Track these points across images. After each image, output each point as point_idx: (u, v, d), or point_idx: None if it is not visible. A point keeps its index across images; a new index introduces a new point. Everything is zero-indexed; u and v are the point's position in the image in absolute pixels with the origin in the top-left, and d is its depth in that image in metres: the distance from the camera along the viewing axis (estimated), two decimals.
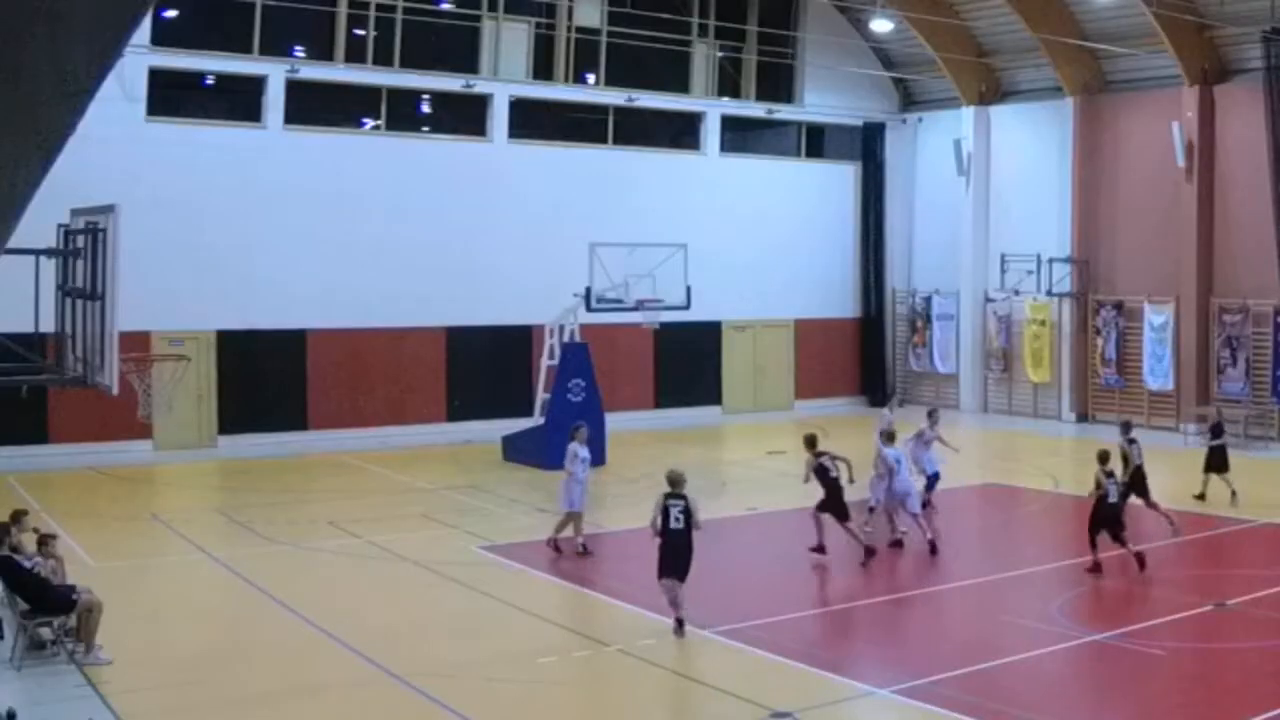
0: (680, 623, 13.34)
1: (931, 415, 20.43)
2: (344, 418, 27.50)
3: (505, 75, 29.58)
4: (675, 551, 13.50)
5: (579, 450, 17.20)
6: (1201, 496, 20.65)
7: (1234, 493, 20.34)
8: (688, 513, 13.56)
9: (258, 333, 26.69)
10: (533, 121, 30.34)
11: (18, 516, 13.64)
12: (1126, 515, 16.55)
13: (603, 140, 31.32)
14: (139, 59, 24.43)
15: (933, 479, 19.75)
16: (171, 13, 26.13)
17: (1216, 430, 21.09)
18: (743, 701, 11.11)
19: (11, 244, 4.97)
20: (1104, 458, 16.33)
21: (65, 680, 11.76)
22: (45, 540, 13.14)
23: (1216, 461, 20.71)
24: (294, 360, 27.18)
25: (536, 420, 24.78)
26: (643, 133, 32.08)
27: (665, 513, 13.53)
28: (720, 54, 32.69)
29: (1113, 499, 16.16)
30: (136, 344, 20.42)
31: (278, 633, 13.69)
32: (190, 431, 25.79)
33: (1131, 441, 18.42)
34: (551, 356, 24.89)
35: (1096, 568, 15.92)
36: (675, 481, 13.76)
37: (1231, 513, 19.57)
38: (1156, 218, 28.88)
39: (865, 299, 35.08)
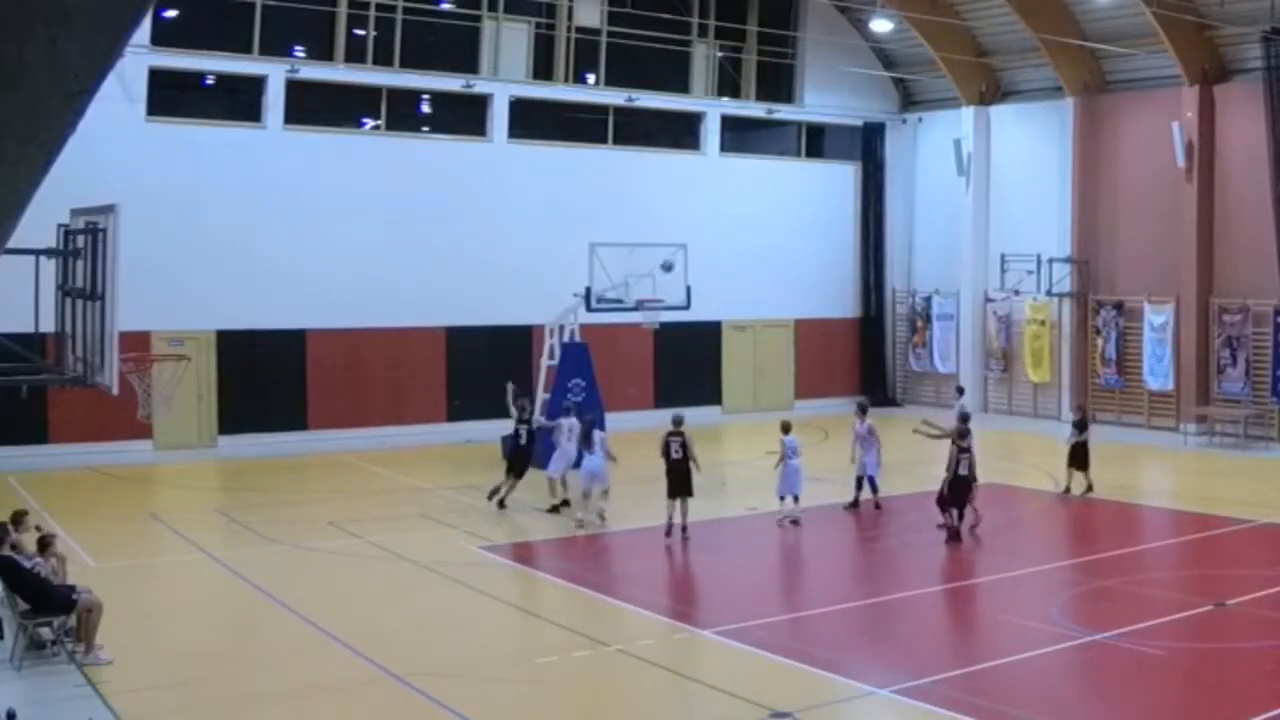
0: (681, 529, 17.70)
1: (862, 408, 20.68)
2: (344, 418, 27.49)
3: (505, 75, 29.58)
4: (677, 477, 17.71)
5: (568, 423, 20.32)
6: (1067, 490, 21.28)
7: (1090, 485, 20.98)
8: (685, 446, 17.74)
9: (258, 333, 26.68)
10: (533, 121, 30.34)
11: (19, 517, 13.64)
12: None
13: (603, 140, 31.31)
14: (139, 59, 24.43)
15: (869, 481, 19.89)
16: (171, 13, 26.13)
17: (1081, 425, 21.34)
18: (743, 701, 11.11)
19: (11, 244, 4.98)
20: (962, 434, 17.86)
21: (65, 680, 11.77)
22: (46, 541, 13.14)
23: (1077, 457, 21.12)
24: (294, 360, 27.18)
25: (536, 420, 24.74)
26: (643, 133, 32.06)
27: (667, 446, 17.72)
28: (720, 54, 32.69)
29: (963, 471, 17.59)
30: (136, 344, 20.41)
31: (278, 633, 13.69)
32: (190, 431, 25.78)
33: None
34: (551, 356, 24.89)
35: (955, 536, 17.44)
36: (677, 421, 18.26)
37: (1232, 513, 19.56)
38: (1156, 218, 28.86)
39: (865, 299, 35.08)
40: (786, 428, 19.40)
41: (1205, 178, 27.84)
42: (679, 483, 17.76)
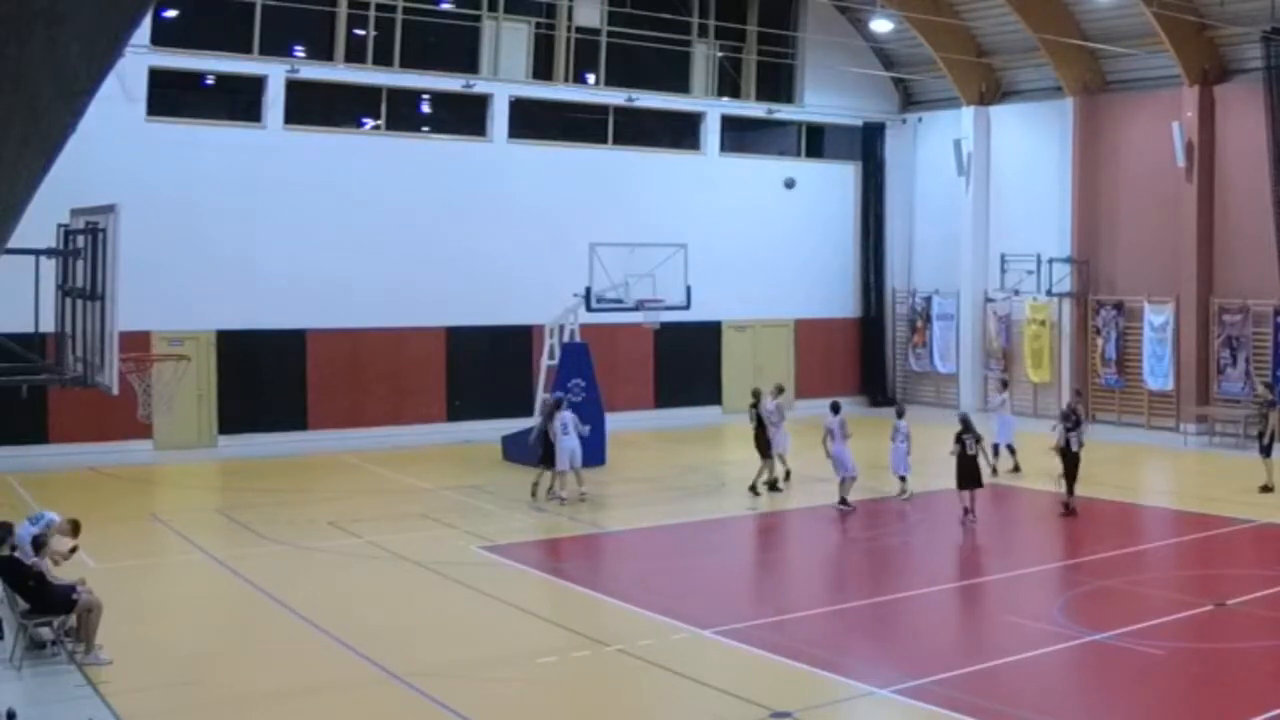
0: (968, 511, 19.03)
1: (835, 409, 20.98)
2: (344, 418, 27.48)
3: (505, 75, 29.57)
4: (967, 471, 19.21)
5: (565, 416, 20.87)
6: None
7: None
8: (978, 442, 19.56)
9: (258, 333, 26.68)
10: (533, 121, 30.34)
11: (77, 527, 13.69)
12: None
13: (603, 140, 31.31)
14: (139, 59, 24.42)
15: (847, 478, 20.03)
16: (171, 13, 26.13)
17: (1076, 422, 19.93)
18: (743, 701, 11.11)
19: (11, 244, 4.97)
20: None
21: (65, 680, 11.76)
22: (41, 541, 13.09)
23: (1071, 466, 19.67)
24: (294, 360, 27.18)
25: (536, 420, 24.75)
26: (643, 133, 32.06)
27: (961, 444, 19.09)
28: (720, 54, 32.69)
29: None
30: (136, 344, 20.39)
31: (278, 633, 13.69)
32: (190, 431, 25.79)
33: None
34: (551, 356, 24.90)
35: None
36: (965, 421, 19.68)
37: (1232, 513, 19.54)
38: (1156, 218, 28.85)
39: (865, 299, 35.08)
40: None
41: (1205, 178, 27.83)
42: (970, 475, 19.12)
